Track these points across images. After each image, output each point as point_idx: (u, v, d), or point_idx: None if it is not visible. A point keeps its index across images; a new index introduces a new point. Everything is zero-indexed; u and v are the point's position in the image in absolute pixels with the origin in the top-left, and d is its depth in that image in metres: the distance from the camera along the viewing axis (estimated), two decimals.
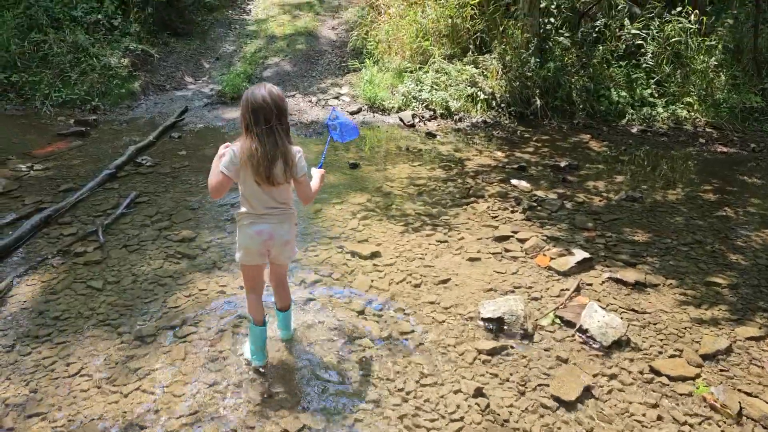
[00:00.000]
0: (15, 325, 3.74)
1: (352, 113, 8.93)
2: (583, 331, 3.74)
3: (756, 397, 3.28)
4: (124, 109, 8.98)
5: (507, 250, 4.89)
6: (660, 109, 9.10)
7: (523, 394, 3.25)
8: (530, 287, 4.33)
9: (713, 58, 9.27)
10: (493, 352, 3.58)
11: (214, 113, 8.90)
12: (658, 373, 3.44)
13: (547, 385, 3.31)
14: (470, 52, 9.81)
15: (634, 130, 8.77)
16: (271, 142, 2.90)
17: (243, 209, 3.12)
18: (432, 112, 8.99)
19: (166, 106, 9.15)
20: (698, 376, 3.44)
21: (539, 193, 6.14)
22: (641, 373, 3.44)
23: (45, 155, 6.80)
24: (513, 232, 5.19)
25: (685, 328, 3.91)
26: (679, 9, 9.52)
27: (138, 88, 9.51)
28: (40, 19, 9.45)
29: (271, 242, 3.15)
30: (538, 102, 8.94)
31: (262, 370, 3.36)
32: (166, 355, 3.45)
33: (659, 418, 3.11)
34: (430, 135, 8.22)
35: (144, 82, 9.75)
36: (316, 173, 3.35)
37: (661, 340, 3.76)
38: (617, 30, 9.71)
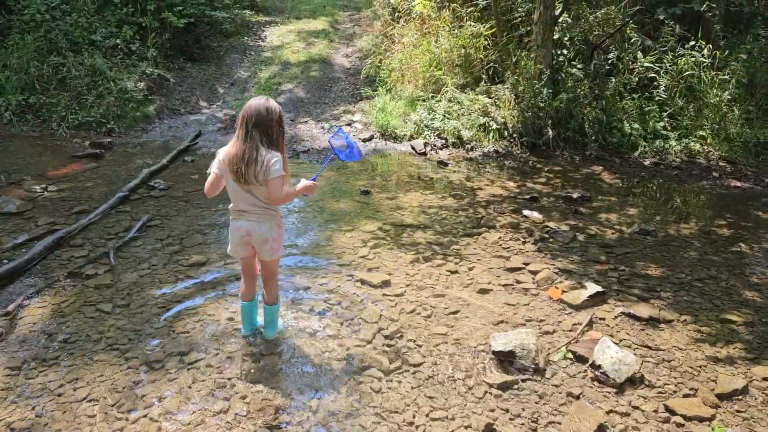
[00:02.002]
0: (23, 347, 3.73)
1: (364, 140, 8.96)
2: (595, 367, 3.68)
3: None
4: (138, 132, 9.07)
5: (518, 282, 4.84)
6: (673, 142, 9.07)
7: (534, 431, 3.19)
8: (542, 320, 4.28)
9: (727, 92, 9.25)
10: (504, 387, 3.52)
11: (227, 138, 8.94)
12: (673, 413, 3.36)
13: (559, 423, 3.24)
14: (483, 82, 9.86)
15: (647, 162, 8.74)
16: (248, 145, 3.28)
17: (230, 205, 3.54)
18: (444, 141, 9.01)
19: (180, 130, 9.23)
20: (714, 416, 3.36)
21: (551, 224, 6.11)
22: (656, 411, 3.37)
23: (59, 177, 6.86)
24: (524, 263, 5.15)
25: (700, 366, 3.83)
26: (692, 43, 9.54)
27: (153, 112, 9.61)
28: (60, 43, 9.61)
29: (249, 238, 3.51)
30: (551, 133, 8.94)
31: (250, 339, 3.82)
32: (173, 382, 3.42)
33: None
34: (442, 164, 8.23)
35: (159, 106, 9.86)
36: (303, 182, 3.58)
37: (676, 378, 3.69)
38: (630, 63, 9.73)
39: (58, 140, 8.43)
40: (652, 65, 9.61)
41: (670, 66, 9.54)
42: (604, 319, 4.33)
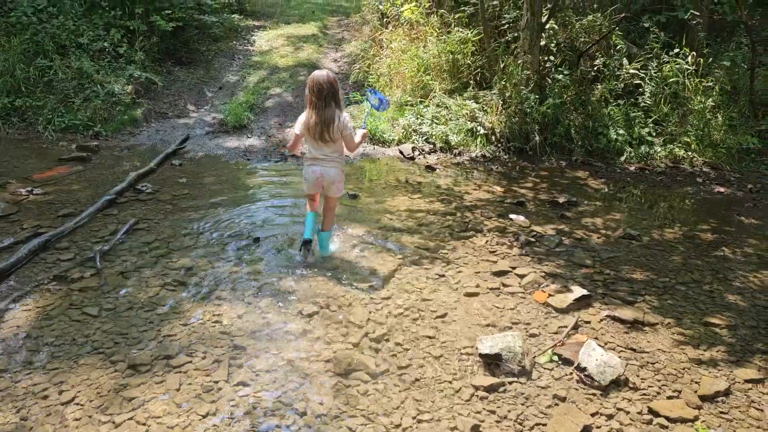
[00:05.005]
0: (8, 350, 3.70)
1: None
2: (581, 369, 3.72)
3: None
4: (125, 136, 9.03)
5: (505, 286, 4.88)
6: (658, 148, 9.17)
7: None
8: (528, 323, 4.31)
9: (710, 99, 9.37)
10: (490, 389, 3.54)
11: (215, 142, 8.95)
12: (656, 414, 3.40)
13: (545, 424, 3.27)
14: (470, 88, 9.92)
15: (632, 168, 8.83)
16: (325, 112, 4.41)
17: (306, 154, 4.78)
18: (432, 146, 9.05)
19: (168, 134, 9.21)
20: (697, 418, 3.40)
21: (538, 228, 6.15)
22: (640, 413, 3.41)
23: (45, 180, 6.82)
24: (511, 267, 5.19)
25: (683, 369, 3.88)
26: (676, 50, 9.67)
27: (140, 115, 9.58)
28: (47, 46, 9.56)
29: (322, 179, 4.73)
30: (537, 138, 9.01)
31: (309, 246, 4.87)
32: (159, 385, 3.42)
33: None
34: (430, 168, 8.27)
35: (146, 110, 9.83)
36: (360, 131, 4.87)
37: (660, 381, 3.73)
38: (616, 69, 9.84)
39: (44, 143, 8.39)
40: (637, 72, 9.72)
41: (655, 73, 9.65)
42: (589, 322, 4.38)
